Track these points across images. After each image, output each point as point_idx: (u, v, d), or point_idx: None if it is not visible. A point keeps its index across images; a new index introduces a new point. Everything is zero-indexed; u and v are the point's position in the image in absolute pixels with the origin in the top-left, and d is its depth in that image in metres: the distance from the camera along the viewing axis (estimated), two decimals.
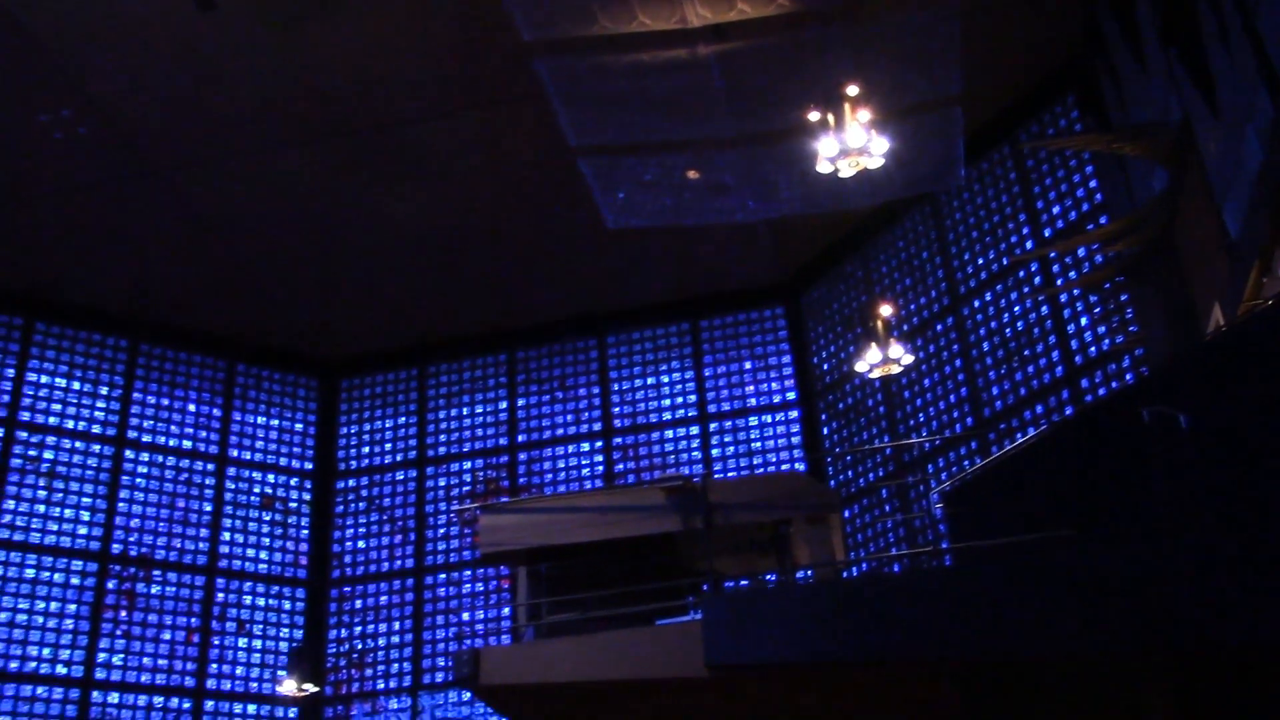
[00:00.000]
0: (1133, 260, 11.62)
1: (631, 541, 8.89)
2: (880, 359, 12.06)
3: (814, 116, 10.22)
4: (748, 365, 17.32)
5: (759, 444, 16.83)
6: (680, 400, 17.29)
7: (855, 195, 13.11)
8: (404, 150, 14.39)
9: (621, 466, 17.04)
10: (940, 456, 14.62)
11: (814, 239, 16.48)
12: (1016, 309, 14.15)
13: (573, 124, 13.12)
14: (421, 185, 14.98)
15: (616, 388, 17.51)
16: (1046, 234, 13.93)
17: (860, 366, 12.33)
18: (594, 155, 13.73)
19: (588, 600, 8.67)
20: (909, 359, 12.40)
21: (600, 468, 17.11)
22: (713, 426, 17.05)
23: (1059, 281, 13.72)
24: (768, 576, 9.91)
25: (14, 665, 14.98)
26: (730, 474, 16.25)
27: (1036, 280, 13.97)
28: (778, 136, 12.77)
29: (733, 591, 10.15)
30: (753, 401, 17.10)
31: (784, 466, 16.50)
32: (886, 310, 12.82)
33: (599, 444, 17.30)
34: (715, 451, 16.89)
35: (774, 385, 17.12)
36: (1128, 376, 12.69)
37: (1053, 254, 13.75)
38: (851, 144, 9.85)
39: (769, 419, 16.96)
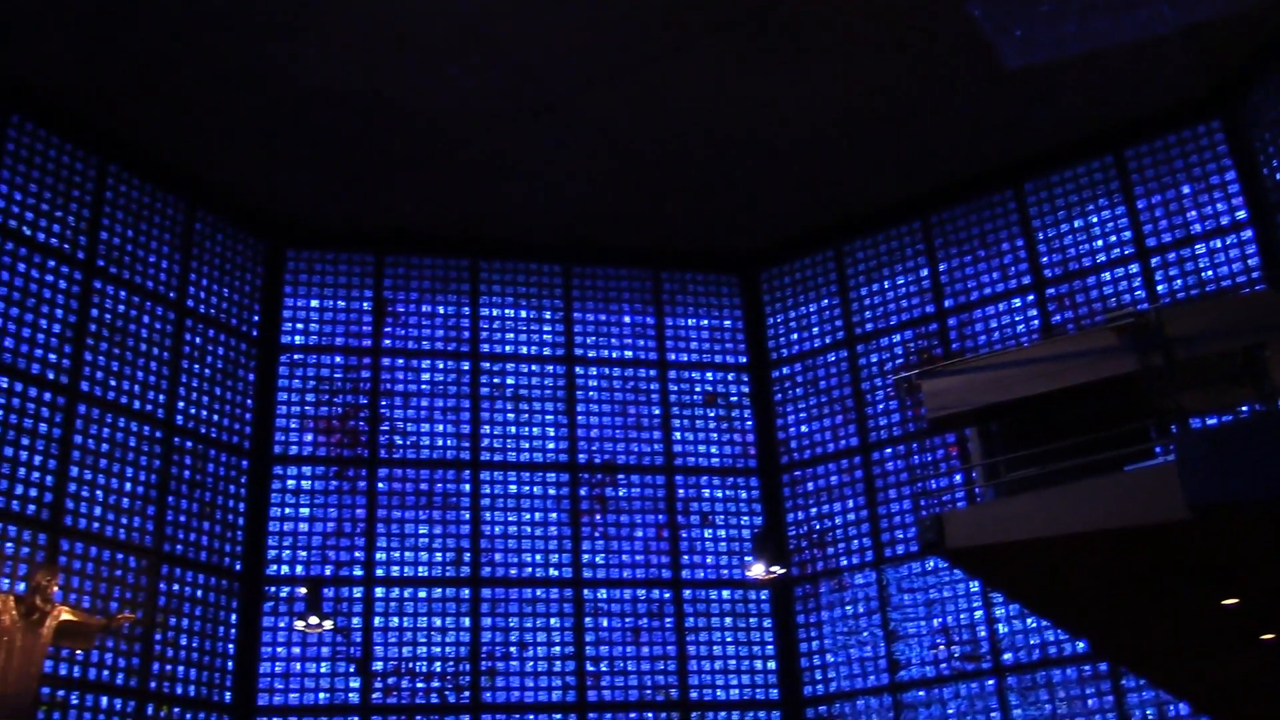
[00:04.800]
0: None
1: (1084, 388, 8.52)
2: None
3: None
4: (1185, 190, 15.96)
5: (1209, 272, 15.52)
6: (1114, 239, 16.24)
7: None
8: (786, 31, 14.26)
9: (1059, 317, 16.30)
10: None
11: (1247, 39, 14.79)
12: None
13: None
14: (808, 65, 14.81)
15: (1041, 236, 16.69)
16: None
17: None
18: None
19: (1046, 453, 8.42)
20: None
21: (1035, 321, 16.45)
22: (1154, 261, 15.90)
23: None
24: (1244, 408, 9.20)
25: (513, 571, 16.59)
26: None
27: None
28: None
29: (1208, 427, 9.51)
30: (1196, 228, 15.76)
31: (1242, 292, 15.16)
32: None
33: (1030, 297, 16.61)
34: (1160, 287, 15.76)
35: (1219, 206, 15.68)
36: None
37: None
38: None
39: (1217, 244, 15.59)
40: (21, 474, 13.56)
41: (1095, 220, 16.40)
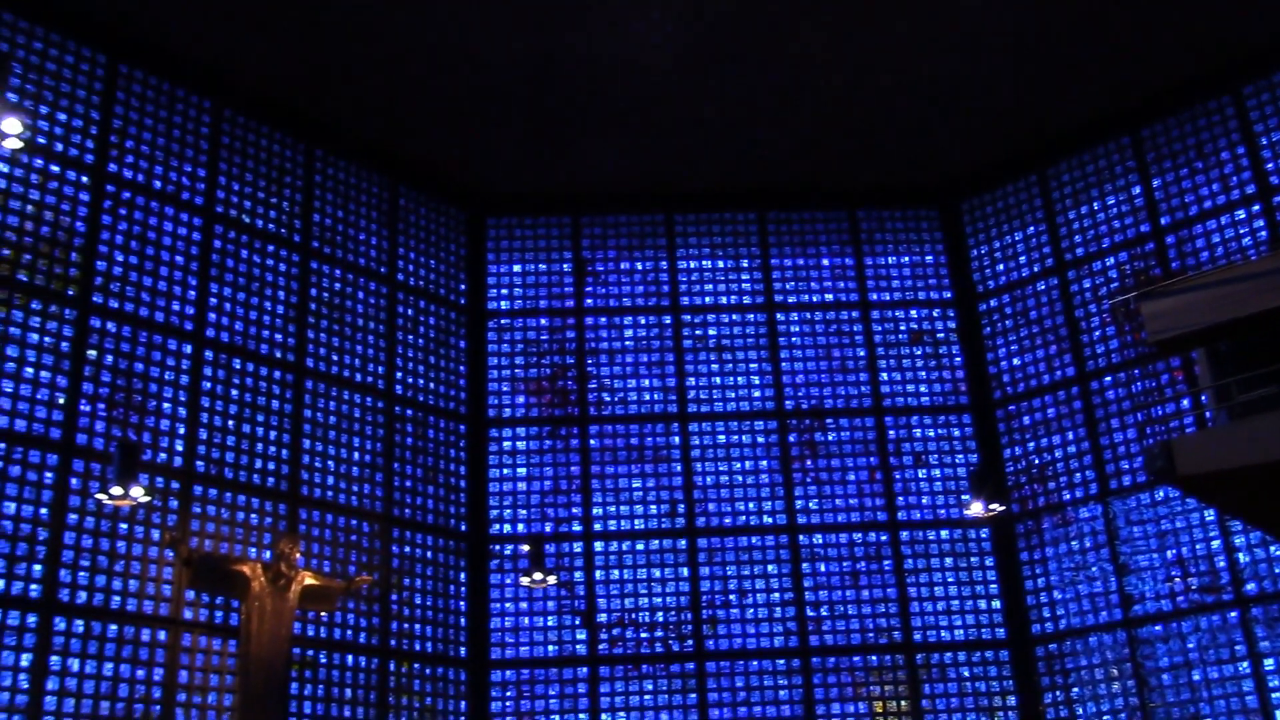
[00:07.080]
0: None
1: None
2: None
3: None
4: None
5: None
6: None
7: None
8: None
9: None
10: None
11: None
12: None
13: None
14: None
15: (1265, 141, 15.63)
16: None
17: None
18: None
19: None
20: None
21: (1263, 233, 15.48)
22: None
23: None
24: None
25: (728, 520, 16.70)
26: None
27: None
28: None
29: None
30: None
31: None
32: None
33: (1256, 207, 15.62)
34: None
35: None
36: None
37: None
38: None
39: None
40: (260, 449, 14.40)
41: None
